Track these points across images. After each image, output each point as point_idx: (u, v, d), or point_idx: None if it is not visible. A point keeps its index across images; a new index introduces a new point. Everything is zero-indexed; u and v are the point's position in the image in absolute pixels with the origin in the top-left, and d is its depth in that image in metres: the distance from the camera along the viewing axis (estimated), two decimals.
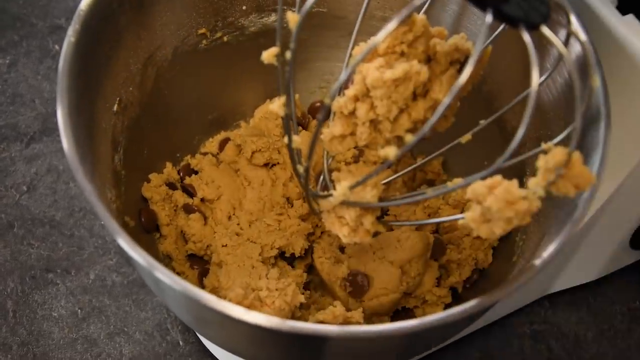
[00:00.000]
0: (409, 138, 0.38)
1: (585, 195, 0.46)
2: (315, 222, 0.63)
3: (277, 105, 0.45)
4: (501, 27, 0.49)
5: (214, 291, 0.58)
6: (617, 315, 0.71)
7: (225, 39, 0.65)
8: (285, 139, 0.47)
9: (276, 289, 0.53)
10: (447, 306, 0.62)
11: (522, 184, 0.57)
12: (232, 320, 0.41)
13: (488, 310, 0.46)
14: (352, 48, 0.53)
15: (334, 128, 0.46)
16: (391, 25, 0.37)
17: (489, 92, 0.62)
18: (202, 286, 0.60)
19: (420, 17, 0.44)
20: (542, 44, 0.50)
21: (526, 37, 0.37)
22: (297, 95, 0.69)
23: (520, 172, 0.58)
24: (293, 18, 0.41)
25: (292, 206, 0.63)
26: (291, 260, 0.63)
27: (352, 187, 0.43)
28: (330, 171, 0.55)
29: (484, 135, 0.53)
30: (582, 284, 0.70)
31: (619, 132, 0.49)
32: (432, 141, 0.65)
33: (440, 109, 0.37)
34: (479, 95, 0.63)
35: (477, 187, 0.39)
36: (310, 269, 0.63)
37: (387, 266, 0.58)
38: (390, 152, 0.39)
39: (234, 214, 0.64)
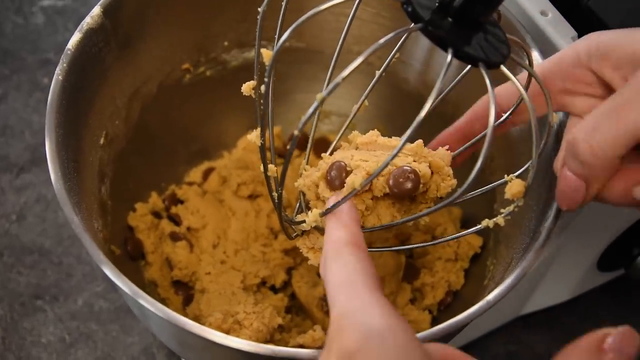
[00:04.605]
0: (373, 166, 0.40)
1: (548, 223, 0.48)
2: (297, 255, 0.65)
3: (254, 135, 0.47)
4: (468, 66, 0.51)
5: (196, 319, 0.59)
6: None
7: (208, 73, 0.67)
8: (262, 167, 0.48)
9: (253, 312, 0.55)
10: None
11: (492, 211, 0.60)
12: (214, 345, 0.43)
13: (455, 335, 0.48)
14: (329, 80, 0.54)
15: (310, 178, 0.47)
16: (356, 62, 0.38)
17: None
18: (185, 314, 0.61)
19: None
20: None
21: (486, 76, 0.39)
22: (279, 127, 0.71)
23: (490, 200, 0.60)
24: (267, 54, 0.43)
25: (276, 238, 0.65)
26: (272, 290, 0.65)
27: (322, 214, 0.45)
28: (306, 201, 0.57)
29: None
30: (555, 304, 0.72)
31: None
32: None
33: (412, 128, 0.37)
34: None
35: None
36: (292, 297, 0.65)
37: None
38: (356, 180, 0.41)
39: (218, 243, 0.65)
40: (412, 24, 0.39)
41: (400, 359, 0.30)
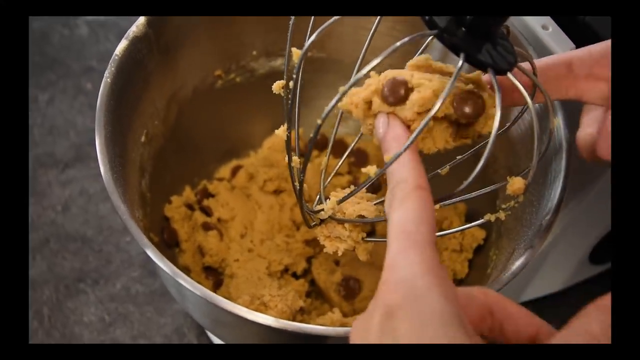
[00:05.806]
0: (439, 87, 0.39)
1: (549, 217, 0.48)
2: (316, 245, 0.65)
3: (281, 130, 0.47)
4: None
5: None
6: None
7: (237, 79, 0.68)
8: (286, 159, 0.49)
9: (278, 295, 0.56)
10: None
11: (494, 206, 0.61)
12: (244, 321, 0.43)
13: None
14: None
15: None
16: (375, 61, 0.37)
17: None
18: None
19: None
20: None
21: (493, 80, 0.39)
22: (301, 129, 0.72)
23: (493, 197, 0.61)
24: (296, 52, 0.44)
25: (298, 229, 0.66)
26: (293, 276, 0.66)
27: (340, 202, 0.45)
28: (325, 193, 0.57)
29: (462, 164, 0.55)
30: (546, 295, 0.72)
31: (580, 160, 0.51)
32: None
33: (423, 123, 0.37)
34: None
35: None
36: (312, 283, 0.66)
37: (376, 271, 0.60)
38: (371, 169, 0.40)
39: (246, 233, 0.66)
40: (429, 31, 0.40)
41: (432, 323, 0.29)
